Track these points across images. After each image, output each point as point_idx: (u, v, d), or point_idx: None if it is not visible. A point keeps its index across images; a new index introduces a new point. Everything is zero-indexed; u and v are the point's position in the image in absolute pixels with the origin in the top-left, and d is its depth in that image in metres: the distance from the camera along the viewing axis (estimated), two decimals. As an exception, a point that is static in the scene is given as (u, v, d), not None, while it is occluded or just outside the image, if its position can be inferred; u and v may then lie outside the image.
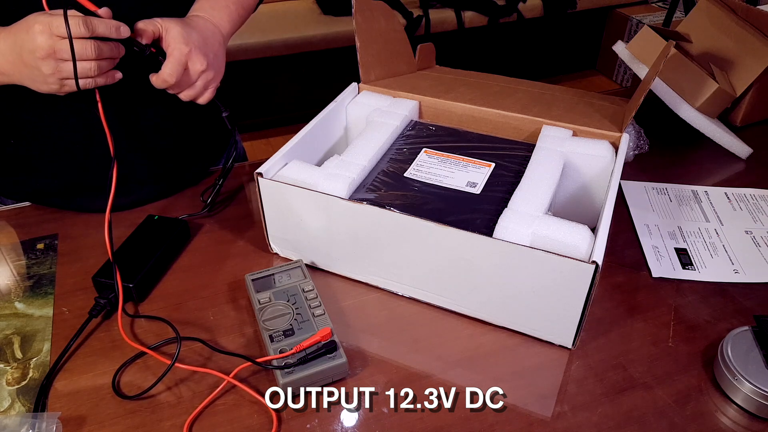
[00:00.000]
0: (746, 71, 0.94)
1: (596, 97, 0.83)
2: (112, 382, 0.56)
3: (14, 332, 0.62)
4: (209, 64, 0.67)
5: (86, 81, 0.62)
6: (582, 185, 0.70)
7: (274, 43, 2.33)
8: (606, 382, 0.57)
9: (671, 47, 0.69)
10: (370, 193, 0.64)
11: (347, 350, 0.59)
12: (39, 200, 0.81)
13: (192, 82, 0.68)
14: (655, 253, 0.72)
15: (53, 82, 0.61)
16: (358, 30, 0.78)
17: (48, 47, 0.58)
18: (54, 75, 0.60)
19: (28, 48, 0.58)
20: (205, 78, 0.68)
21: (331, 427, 0.53)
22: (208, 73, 0.68)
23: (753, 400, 0.53)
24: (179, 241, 0.73)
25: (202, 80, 0.68)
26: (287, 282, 0.64)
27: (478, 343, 0.61)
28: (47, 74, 0.60)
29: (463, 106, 0.77)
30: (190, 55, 0.65)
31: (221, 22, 0.73)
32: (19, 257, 0.72)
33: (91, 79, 0.62)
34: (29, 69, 0.60)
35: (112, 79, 0.64)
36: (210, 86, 0.70)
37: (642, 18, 2.80)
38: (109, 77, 0.64)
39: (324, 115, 0.75)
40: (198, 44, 0.66)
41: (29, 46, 0.58)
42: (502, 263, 0.56)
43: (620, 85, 3.00)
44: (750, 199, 0.83)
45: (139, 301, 0.65)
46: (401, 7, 2.47)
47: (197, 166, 0.87)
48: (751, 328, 0.58)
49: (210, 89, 0.70)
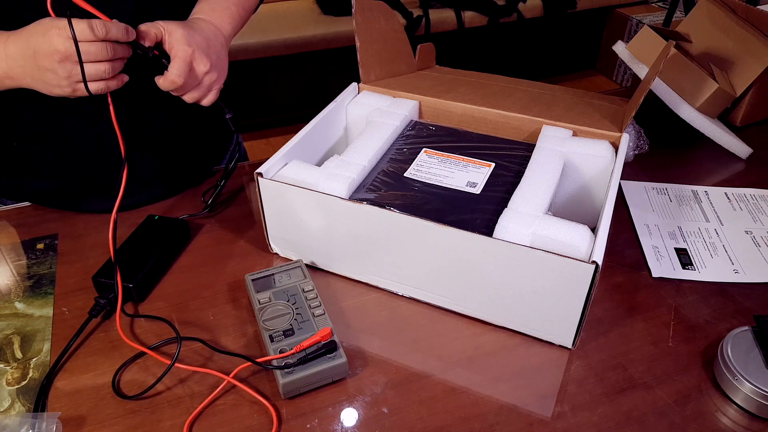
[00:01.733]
0: (746, 71, 0.94)
1: (596, 97, 0.83)
2: (112, 382, 0.56)
3: (14, 332, 0.62)
4: (213, 65, 0.68)
5: (99, 84, 0.62)
6: (582, 185, 0.70)
7: (274, 43, 2.33)
8: (606, 382, 0.57)
9: (671, 47, 0.69)
10: (370, 193, 0.64)
11: (347, 350, 0.59)
12: (42, 201, 0.81)
13: (197, 84, 0.68)
14: (655, 253, 0.72)
15: (67, 85, 0.61)
16: (358, 30, 0.78)
17: (65, 50, 0.58)
18: (69, 78, 0.60)
19: (44, 51, 0.59)
20: (210, 79, 0.68)
21: (331, 427, 0.53)
22: (212, 74, 0.68)
23: (753, 400, 0.53)
24: (179, 241, 0.73)
25: (206, 81, 0.68)
26: (287, 282, 0.64)
27: (478, 343, 0.61)
28: (63, 77, 0.60)
29: (463, 106, 0.77)
30: (194, 56, 0.66)
31: (223, 23, 0.74)
32: (19, 257, 0.72)
33: (104, 82, 0.62)
34: (43, 72, 0.60)
35: (121, 81, 0.64)
36: (214, 87, 0.70)
37: (642, 18, 2.80)
38: (119, 80, 0.64)
39: (324, 115, 0.75)
40: (201, 45, 0.67)
41: (45, 50, 0.58)
42: (502, 263, 0.56)
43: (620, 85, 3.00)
44: (750, 199, 0.83)
45: (139, 301, 0.65)
46: (401, 7, 2.47)
47: (200, 166, 0.87)
48: (751, 328, 0.58)
49: (214, 90, 0.70)
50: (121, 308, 0.62)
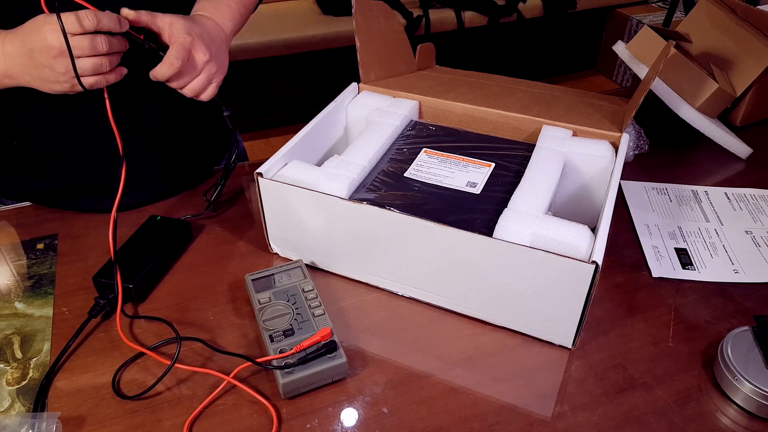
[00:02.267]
0: (746, 71, 0.94)
1: (596, 97, 0.83)
2: (112, 382, 0.56)
3: (14, 332, 0.62)
4: (212, 56, 0.67)
5: (97, 78, 0.62)
6: (582, 185, 0.70)
7: (274, 43, 2.33)
8: (606, 382, 0.57)
9: (671, 47, 0.69)
10: (370, 193, 0.64)
11: (347, 350, 0.59)
12: (42, 201, 0.81)
13: (196, 74, 0.67)
14: (655, 253, 0.72)
15: (65, 80, 0.61)
16: (358, 30, 0.78)
17: (60, 45, 0.58)
18: (67, 73, 0.60)
19: (39, 48, 0.58)
20: (209, 70, 0.68)
21: (331, 427, 0.53)
22: (212, 64, 0.68)
23: (753, 400, 0.53)
24: (181, 241, 0.73)
25: (205, 72, 0.68)
26: (287, 282, 0.64)
27: (478, 343, 0.61)
28: (60, 72, 0.60)
29: (463, 106, 0.77)
30: (193, 44, 0.65)
31: (223, 20, 0.74)
32: (19, 257, 0.72)
33: (102, 76, 0.62)
34: (40, 69, 0.60)
35: (120, 75, 0.64)
36: (213, 81, 0.70)
37: (642, 18, 2.80)
38: (117, 73, 0.64)
39: (324, 115, 0.75)
40: (201, 35, 0.66)
41: (40, 46, 0.58)
42: (502, 263, 0.56)
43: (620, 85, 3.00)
44: (750, 199, 0.83)
45: (140, 301, 0.65)
46: (401, 7, 2.47)
47: (200, 166, 0.87)
48: (751, 328, 0.58)
49: (213, 84, 0.70)
50: (122, 309, 0.62)
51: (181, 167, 0.83)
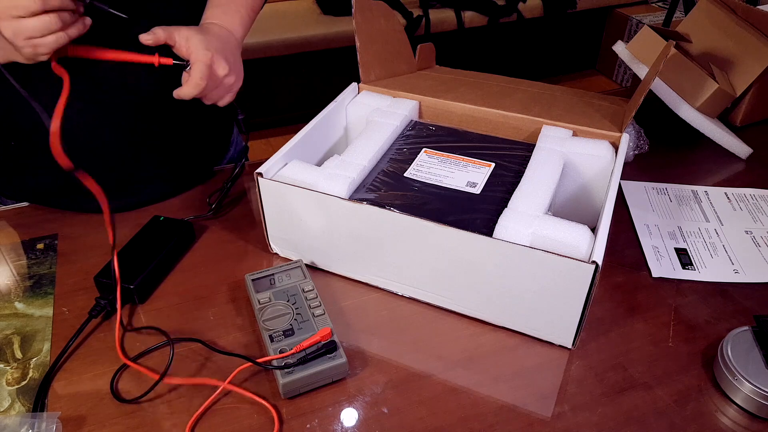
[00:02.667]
0: (746, 71, 0.94)
1: (596, 97, 0.83)
2: (112, 382, 0.56)
3: (14, 332, 0.62)
4: (231, 68, 0.69)
5: (57, 36, 0.57)
6: (582, 185, 0.70)
7: (274, 43, 2.33)
8: (606, 382, 0.57)
9: (671, 47, 0.69)
10: (370, 193, 0.64)
11: (347, 350, 0.59)
12: (40, 200, 0.81)
13: (217, 87, 0.69)
14: (655, 253, 0.72)
15: (23, 45, 0.57)
16: (358, 30, 0.78)
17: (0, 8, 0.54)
18: (18, 36, 0.56)
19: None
20: (229, 82, 0.70)
21: (331, 427, 0.53)
22: (230, 77, 0.69)
23: (753, 400, 0.53)
24: (183, 242, 0.73)
25: (226, 84, 0.69)
26: (287, 282, 0.64)
27: (478, 343, 0.61)
28: (11, 38, 0.56)
29: (463, 106, 0.77)
30: (213, 60, 0.66)
31: (234, 27, 0.74)
32: (19, 257, 0.72)
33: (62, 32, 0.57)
34: (3, 41, 0.57)
35: (83, 27, 0.60)
36: (232, 90, 0.71)
37: (642, 18, 2.80)
38: (78, 27, 0.59)
39: (324, 115, 0.75)
40: (219, 49, 0.67)
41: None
42: (502, 263, 0.56)
43: (620, 85, 3.00)
44: (750, 199, 0.83)
45: (141, 302, 0.65)
46: (401, 7, 2.47)
47: (201, 165, 0.87)
48: (751, 328, 0.58)
49: (231, 92, 0.72)
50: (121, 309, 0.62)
51: (184, 166, 0.83)
